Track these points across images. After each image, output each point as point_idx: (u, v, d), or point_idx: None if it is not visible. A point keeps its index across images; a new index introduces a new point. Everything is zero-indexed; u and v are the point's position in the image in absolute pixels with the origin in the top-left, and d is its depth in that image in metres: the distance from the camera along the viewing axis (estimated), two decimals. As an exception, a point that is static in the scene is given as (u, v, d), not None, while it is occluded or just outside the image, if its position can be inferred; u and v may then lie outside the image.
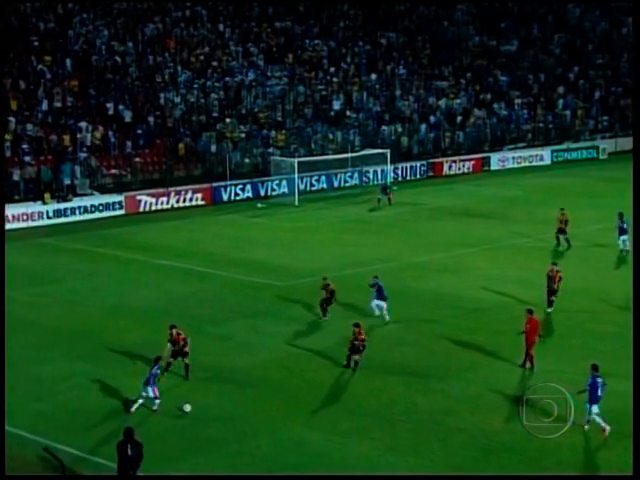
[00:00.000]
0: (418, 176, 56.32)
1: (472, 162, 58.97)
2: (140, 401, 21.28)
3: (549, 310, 28.63)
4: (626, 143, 65.91)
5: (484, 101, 64.28)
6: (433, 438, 20.23)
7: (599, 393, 20.12)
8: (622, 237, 35.93)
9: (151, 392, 21.19)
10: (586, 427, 20.31)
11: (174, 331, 23.15)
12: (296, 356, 25.18)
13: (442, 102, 62.66)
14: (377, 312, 27.65)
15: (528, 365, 23.92)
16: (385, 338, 26.22)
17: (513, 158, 60.73)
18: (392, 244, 38.35)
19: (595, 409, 20.19)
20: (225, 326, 27.41)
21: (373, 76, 62.53)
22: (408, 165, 56.22)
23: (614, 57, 73.24)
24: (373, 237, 39.86)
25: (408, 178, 55.61)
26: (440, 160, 58.00)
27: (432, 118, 60.84)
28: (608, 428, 20.05)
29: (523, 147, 62.26)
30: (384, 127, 58.32)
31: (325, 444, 19.86)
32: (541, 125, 64.51)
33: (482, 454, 19.51)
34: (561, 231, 37.40)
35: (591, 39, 75.03)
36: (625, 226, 35.70)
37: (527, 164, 60.54)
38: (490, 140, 61.70)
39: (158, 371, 21.49)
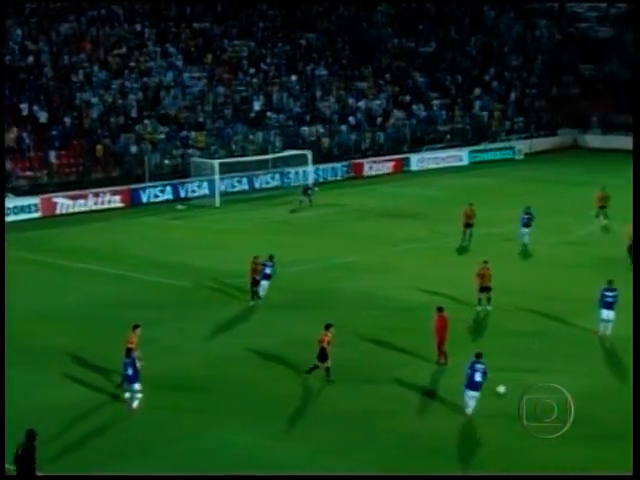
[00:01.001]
0: (339, 177, 56.55)
1: (392, 163, 59.51)
2: (139, 395, 21.29)
3: (479, 308, 29.13)
4: (541, 144, 67.51)
5: (403, 102, 64.94)
6: (362, 439, 20.30)
7: (477, 379, 20.98)
8: (525, 230, 37.14)
9: (138, 386, 21.32)
10: (469, 411, 21.23)
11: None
12: (222, 358, 25.02)
13: (362, 103, 63.10)
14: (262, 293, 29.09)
15: (442, 360, 24.30)
16: (301, 338, 26.21)
17: (432, 159, 61.49)
18: (316, 245, 38.43)
19: (471, 393, 21.09)
20: (150, 329, 27.01)
21: (293, 77, 62.58)
22: (329, 166, 56.42)
23: (528, 59, 74.80)
24: (297, 238, 39.88)
25: (329, 179, 55.78)
26: (361, 161, 58.36)
27: (352, 119, 61.20)
28: (469, 412, 21.11)
29: (442, 148, 63.09)
30: (305, 128, 58.42)
31: (252, 447, 19.74)
32: (459, 126, 65.48)
33: (411, 454, 19.66)
34: (468, 225, 38.24)
35: (506, 41, 76.49)
36: (529, 219, 37.00)
37: (446, 164, 61.36)
38: (410, 141, 62.35)
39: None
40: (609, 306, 26.24)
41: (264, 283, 29.60)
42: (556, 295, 30.92)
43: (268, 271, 29.74)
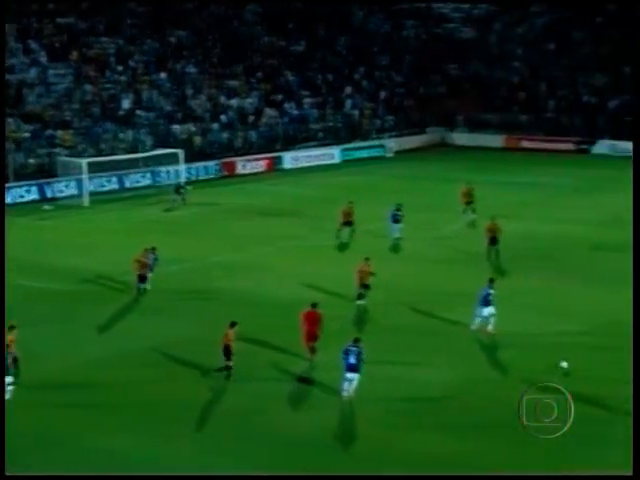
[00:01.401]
0: (212, 176, 55.98)
1: (265, 161, 59.32)
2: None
3: (359, 302, 29.34)
4: (410, 142, 68.62)
5: (275, 101, 64.81)
6: (241, 436, 20.14)
7: (352, 361, 21.70)
8: (396, 226, 38.00)
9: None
10: (345, 394, 21.83)
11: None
12: (102, 360, 24.35)
13: (234, 101, 62.64)
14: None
15: (309, 356, 24.33)
16: (188, 339, 25.71)
17: (305, 157, 61.61)
18: (192, 244, 37.81)
19: (349, 375, 21.78)
20: (28, 330, 25.90)
21: (163, 74, 61.52)
22: (201, 165, 55.74)
23: (397, 59, 75.92)
24: (171, 238, 39.08)
25: (202, 178, 55.12)
26: (233, 159, 57.91)
27: (224, 117, 60.66)
28: (345, 395, 21.78)
29: (314, 146, 63.29)
30: (176, 126, 57.54)
31: (132, 449, 19.29)
32: (331, 124, 65.85)
33: (289, 449, 19.60)
34: (347, 223, 38.48)
35: (375, 41, 77.42)
36: (399, 216, 37.84)
37: (318, 163, 61.57)
38: (282, 139, 62.28)
39: None
40: (489, 303, 26.58)
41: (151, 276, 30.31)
42: (428, 290, 31.40)
43: (151, 262, 30.19)
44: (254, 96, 64.23)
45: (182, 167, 52.30)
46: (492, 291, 26.64)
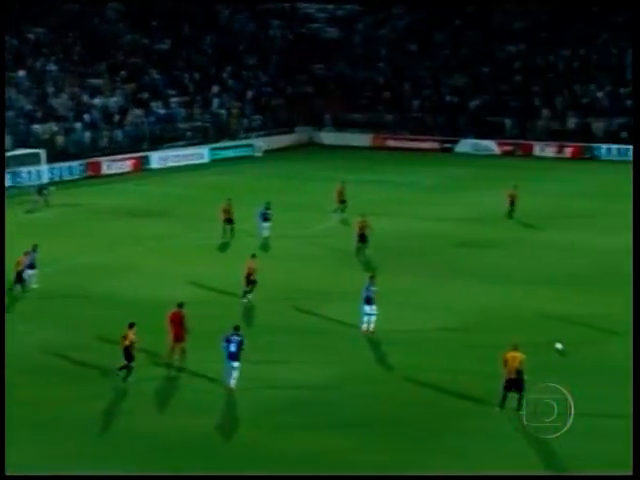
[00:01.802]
0: (76, 176, 54.35)
1: (132, 161, 58.00)
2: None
3: (244, 300, 29.27)
4: (279, 141, 68.48)
5: (141, 100, 63.45)
6: (107, 440, 19.78)
7: (232, 349, 22.07)
8: (265, 224, 37.80)
9: None
10: (231, 382, 22.04)
11: None
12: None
13: (98, 100, 60.95)
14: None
15: (176, 357, 23.85)
16: (52, 343, 24.75)
17: (173, 156, 60.58)
18: (56, 246, 36.30)
19: (232, 364, 22.09)
20: None
21: (21, 72, 59.23)
22: (65, 165, 54.01)
23: (263, 58, 75.63)
24: (35, 240, 37.18)
25: (65, 178, 53.44)
26: (98, 159, 56.37)
27: (88, 116, 58.95)
28: (232, 383, 22.04)
29: (182, 146, 62.31)
30: (37, 126, 55.49)
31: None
32: (198, 124, 64.98)
33: (155, 453, 19.22)
34: (228, 221, 38.01)
35: (241, 40, 76.91)
36: (268, 214, 37.67)
37: (187, 162, 60.63)
38: (149, 139, 61.04)
39: None
40: (370, 301, 26.52)
41: (31, 272, 30.07)
42: (300, 288, 31.28)
43: (30, 261, 29.85)
44: (118, 95, 62.68)
45: (44, 167, 50.62)
46: (374, 288, 26.62)
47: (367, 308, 26.42)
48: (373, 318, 26.48)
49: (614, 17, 71.07)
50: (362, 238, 35.38)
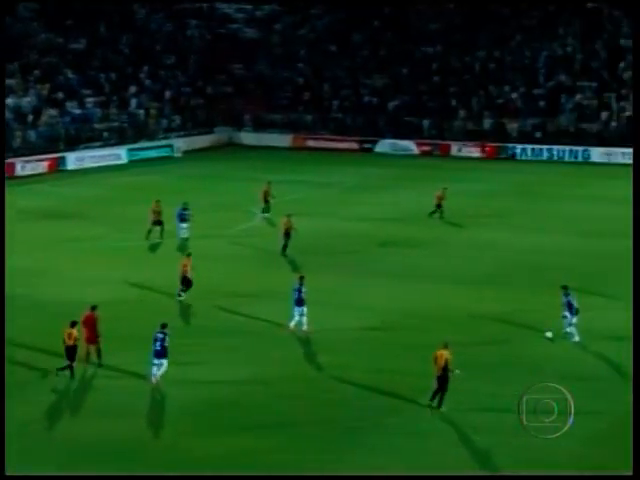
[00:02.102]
0: (-11, 178, 52.77)
1: (47, 162, 56.83)
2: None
3: (180, 298, 29.32)
4: (198, 141, 67.89)
5: (56, 99, 62.13)
6: (31, 447, 19.39)
7: (157, 347, 22.41)
8: (183, 225, 37.48)
9: None
10: (154, 380, 22.19)
11: None
12: None
13: (10, 100, 59.44)
14: None
15: (89, 358, 23.73)
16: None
17: (90, 157, 59.50)
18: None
19: (156, 361, 22.39)
20: None
21: None
22: (-23, 167, 52.42)
23: (182, 58, 74.86)
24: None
25: (-22, 180, 51.84)
26: (12, 160, 54.97)
27: None
28: (154, 380, 22.22)
29: (99, 146, 61.23)
30: (-52, 126, 53.80)
31: None
32: (116, 124, 63.94)
33: (71, 460, 18.85)
34: (158, 223, 37.69)
35: (158, 40, 75.97)
36: (186, 215, 37.42)
37: (105, 163, 59.63)
38: (65, 139, 59.81)
39: None
40: (301, 302, 26.37)
41: None
42: (222, 288, 31.00)
43: None
44: (32, 95, 61.23)
45: (-45, 169, 48.97)
46: (304, 289, 26.42)
47: (298, 310, 26.25)
48: (305, 319, 26.30)
49: (527, 20, 72.45)
50: (287, 237, 35.32)
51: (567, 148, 62.29)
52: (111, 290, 29.99)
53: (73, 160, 58.37)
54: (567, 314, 25.60)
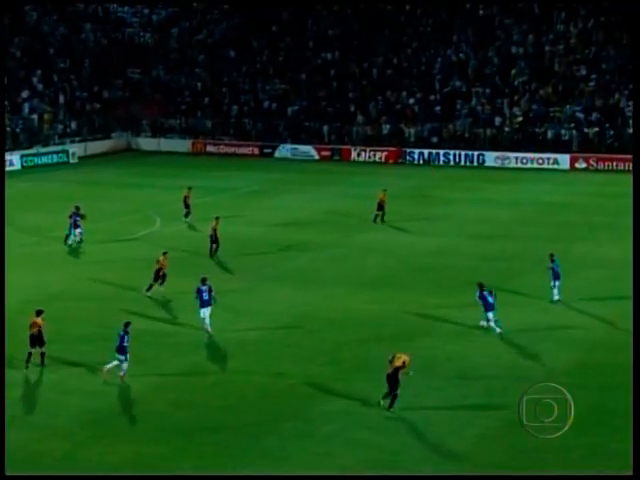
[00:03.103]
0: None
1: None
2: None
3: (148, 294, 30.25)
4: (96, 147, 66.84)
5: (-56, 104, 60.21)
6: None
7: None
8: (77, 230, 37.29)
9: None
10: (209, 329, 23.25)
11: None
12: None
13: None
14: None
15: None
16: None
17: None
18: None
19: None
20: None
21: None
22: None
23: (76, 62, 73.55)
24: None
25: None
26: None
27: None
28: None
29: (-10, 152, 59.54)
30: None
31: None
32: (8, 129, 62.33)
33: None
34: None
35: (51, 43, 74.46)
36: (79, 220, 37.27)
37: (-4, 170, 58.02)
38: (-46, 145, 57.93)
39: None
40: (206, 304, 26.54)
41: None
42: (120, 293, 30.64)
43: None
44: None
45: None
46: (205, 288, 26.71)
47: (202, 311, 26.62)
48: (208, 321, 26.68)
49: (422, 26, 73.78)
50: (214, 239, 35.56)
51: (463, 152, 63.68)
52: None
53: (-38, 167, 56.64)
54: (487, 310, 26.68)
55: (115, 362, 23.26)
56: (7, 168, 58.74)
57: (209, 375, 24.31)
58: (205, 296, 26.46)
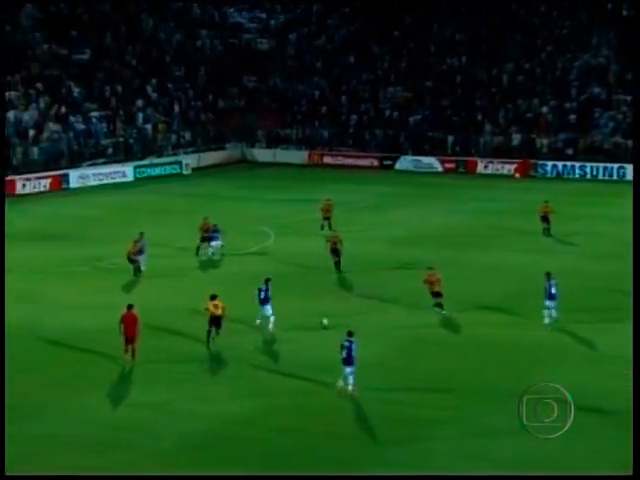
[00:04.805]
0: (-13, 197, 53.49)
1: (49, 180, 57.56)
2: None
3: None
4: (209, 158, 68.46)
5: (59, 114, 62.93)
6: None
7: (344, 355, 24.06)
8: (216, 242, 38.64)
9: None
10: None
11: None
12: None
13: (11, 114, 60.29)
14: None
15: (129, 357, 25.99)
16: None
17: (94, 175, 60.19)
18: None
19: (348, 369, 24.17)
20: None
21: None
22: (-26, 185, 53.21)
23: (191, 70, 75.62)
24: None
25: (-24, 199, 52.59)
26: (12, 178, 55.74)
27: (-1, 132, 58.32)
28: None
29: (104, 163, 61.94)
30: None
31: None
32: (121, 140, 64.64)
33: None
34: (206, 239, 38.82)
35: (167, 51, 76.80)
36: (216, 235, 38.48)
37: (109, 181, 60.39)
38: (68, 156, 60.54)
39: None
40: (265, 301, 29.15)
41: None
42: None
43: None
44: (33, 109, 62.05)
45: (-49, 187, 49.69)
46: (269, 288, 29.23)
47: (266, 308, 29.13)
48: (272, 318, 28.98)
49: (558, 29, 72.64)
50: (335, 253, 36.06)
51: (601, 165, 62.31)
52: (101, 316, 30.02)
53: (76, 178, 59.07)
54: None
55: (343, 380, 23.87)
56: (120, 179, 61.10)
57: (317, 399, 24.48)
58: (262, 295, 29.09)
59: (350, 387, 23.73)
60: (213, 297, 27.74)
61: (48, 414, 23.04)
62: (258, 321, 29.27)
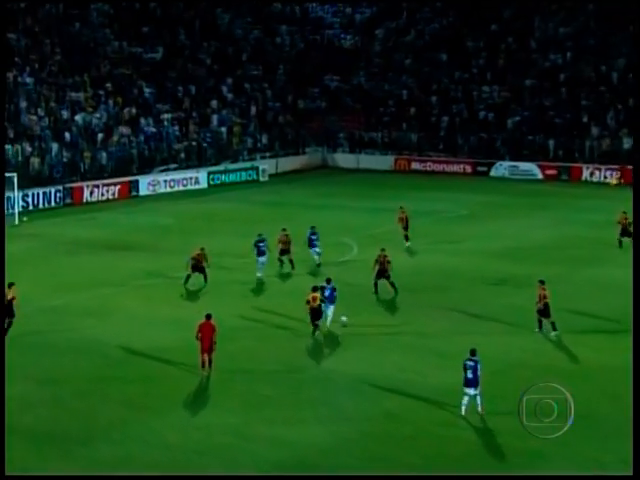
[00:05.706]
0: (53, 204, 54.84)
1: (118, 187, 58.48)
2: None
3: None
4: (287, 164, 68.75)
5: (129, 116, 63.91)
6: None
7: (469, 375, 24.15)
8: (261, 259, 37.95)
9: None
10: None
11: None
12: None
13: (79, 117, 61.49)
14: None
15: (206, 368, 26.83)
16: (15, 398, 24.73)
17: (165, 181, 60.93)
18: (20, 286, 36.22)
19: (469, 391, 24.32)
20: None
21: (-9, 85, 59.83)
22: (40, 191, 54.45)
23: (269, 68, 76.17)
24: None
25: (41, 207, 54.01)
26: (80, 185, 56.80)
27: (68, 135, 59.40)
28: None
29: (176, 169, 62.68)
30: (8, 146, 55.94)
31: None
32: (194, 143, 65.36)
33: None
34: (284, 252, 38.85)
35: (244, 48, 77.51)
36: (263, 246, 37.75)
37: (181, 188, 61.09)
38: (138, 161, 61.42)
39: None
40: (330, 301, 30.69)
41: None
42: (301, 329, 31.16)
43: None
44: (103, 111, 63.14)
45: (16, 194, 50.81)
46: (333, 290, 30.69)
47: (330, 308, 30.55)
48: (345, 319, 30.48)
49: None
50: (381, 273, 35.35)
51: None
52: (179, 334, 30.32)
53: (146, 185, 59.87)
54: None
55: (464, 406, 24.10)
56: (192, 187, 61.74)
57: (405, 426, 24.23)
58: (327, 293, 30.39)
59: (479, 407, 24.14)
60: (315, 289, 29.80)
61: (120, 436, 23.16)
62: (343, 318, 30.60)
